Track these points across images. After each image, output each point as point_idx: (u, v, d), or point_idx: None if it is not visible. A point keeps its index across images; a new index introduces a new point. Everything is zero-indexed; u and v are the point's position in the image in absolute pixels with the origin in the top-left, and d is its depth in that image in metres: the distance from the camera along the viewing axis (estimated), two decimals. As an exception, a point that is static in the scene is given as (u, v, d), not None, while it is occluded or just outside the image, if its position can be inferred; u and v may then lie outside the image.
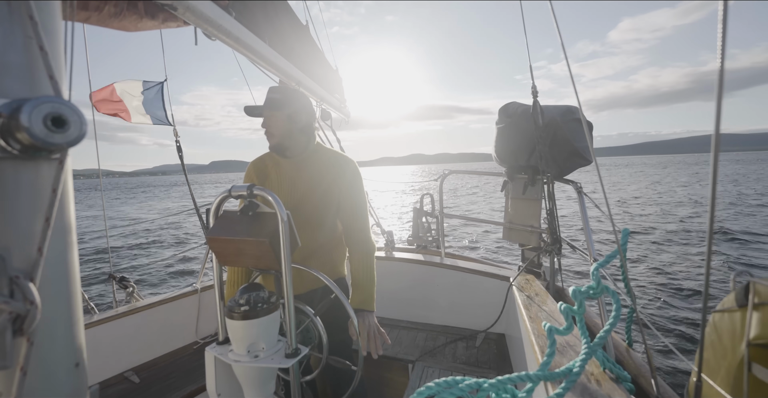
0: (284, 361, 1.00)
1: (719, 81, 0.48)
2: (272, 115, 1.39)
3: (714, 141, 0.54)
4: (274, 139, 1.42)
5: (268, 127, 1.41)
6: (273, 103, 1.38)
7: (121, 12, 1.25)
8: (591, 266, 1.05)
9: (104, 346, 1.96)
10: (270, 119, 1.40)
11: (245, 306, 1.00)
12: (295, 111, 1.40)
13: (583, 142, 2.06)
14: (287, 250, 0.96)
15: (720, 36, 0.46)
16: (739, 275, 0.68)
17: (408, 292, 2.62)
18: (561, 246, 2.00)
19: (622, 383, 0.99)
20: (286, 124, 1.39)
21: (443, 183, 2.96)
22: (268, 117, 1.40)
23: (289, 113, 1.39)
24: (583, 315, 0.98)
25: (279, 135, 1.40)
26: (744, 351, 0.63)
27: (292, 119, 1.39)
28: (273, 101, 1.38)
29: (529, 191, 2.25)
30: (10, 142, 0.35)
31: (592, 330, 1.48)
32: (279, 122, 1.39)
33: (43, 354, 0.39)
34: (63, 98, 0.38)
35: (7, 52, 0.37)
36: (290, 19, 2.06)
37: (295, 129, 1.41)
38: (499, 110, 2.33)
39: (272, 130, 1.41)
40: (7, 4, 0.37)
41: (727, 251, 7.86)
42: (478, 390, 0.73)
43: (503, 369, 1.94)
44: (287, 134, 1.40)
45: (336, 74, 2.94)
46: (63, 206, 0.41)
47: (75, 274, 0.43)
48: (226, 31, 1.32)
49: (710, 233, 0.59)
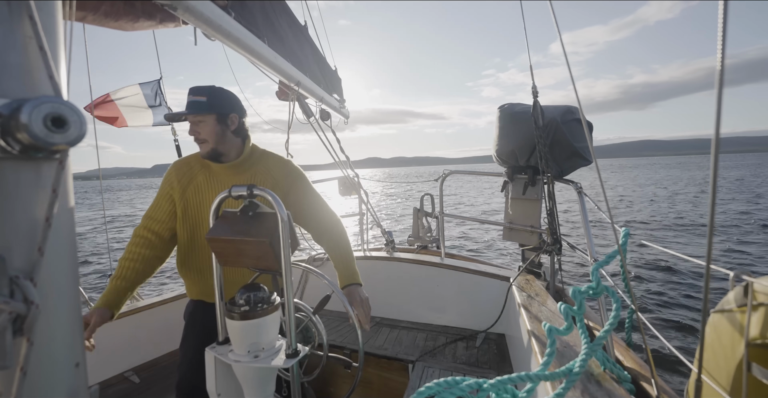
0: (284, 361, 0.99)
1: (719, 81, 0.48)
2: (201, 119, 1.27)
3: (714, 141, 0.54)
4: (207, 146, 1.29)
5: (197, 133, 1.28)
6: (200, 106, 1.26)
7: (118, 11, 1.25)
8: (591, 266, 1.05)
9: (104, 346, 1.96)
10: (198, 125, 1.28)
11: (245, 306, 1.00)
12: (227, 112, 1.29)
13: (583, 142, 2.06)
14: (287, 250, 0.96)
15: (720, 36, 0.46)
16: (739, 276, 0.68)
17: (408, 292, 2.62)
18: (561, 246, 2.01)
19: (622, 383, 0.99)
20: (217, 127, 1.28)
21: (443, 184, 2.96)
22: (196, 122, 1.28)
23: (220, 115, 1.27)
24: (583, 315, 0.98)
25: (212, 141, 1.28)
26: (743, 351, 0.63)
27: (224, 122, 1.28)
28: (199, 104, 1.26)
29: (529, 191, 2.25)
30: (10, 142, 0.35)
31: (592, 330, 1.48)
32: (209, 126, 1.27)
33: (43, 354, 0.39)
34: (63, 98, 0.38)
35: (7, 52, 0.37)
36: (289, 19, 2.06)
37: (228, 132, 1.30)
38: (498, 110, 2.33)
39: (203, 136, 1.28)
40: (7, 4, 0.37)
41: (728, 251, 7.87)
42: (479, 390, 0.73)
43: (503, 369, 1.94)
44: (221, 138, 1.29)
45: (335, 74, 2.94)
46: (63, 206, 0.41)
47: (75, 274, 0.43)
48: (225, 31, 1.32)
49: (710, 233, 0.59)
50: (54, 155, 0.39)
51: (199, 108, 1.25)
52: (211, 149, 1.29)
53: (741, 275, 0.68)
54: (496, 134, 2.34)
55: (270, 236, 0.96)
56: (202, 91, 1.27)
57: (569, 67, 1.03)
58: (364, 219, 2.98)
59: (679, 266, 6.64)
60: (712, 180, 0.54)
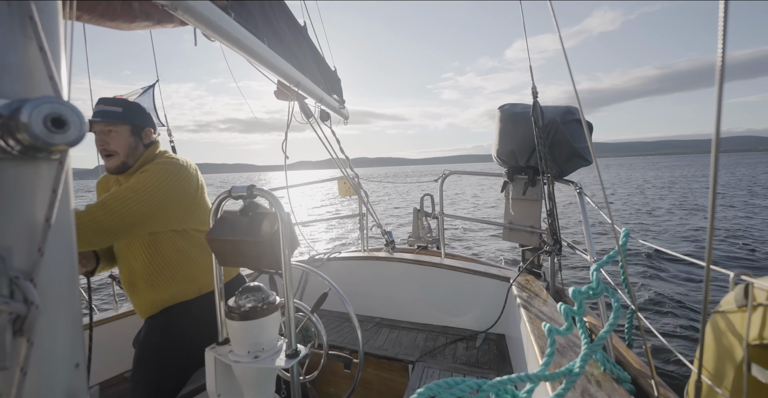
0: (284, 361, 0.99)
1: (719, 82, 0.48)
2: (113, 129, 1.19)
3: (714, 141, 0.54)
4: (117, 159, 1.21)
5: (105, 144, 1.19)
6: (114, 114, 1.18)
7: (115, 11, 1.24)
8: (591, 266, 1.05)
9: (104, 346, 1.95)
10: (109, 135, 1.20)
11: (245, 306, 1.00)
12: (143, 124, 1.23)
13: (583, 142, 2.06)
14: (287, 250, 0.96)
15: (720, 36, 0.46)
16: (739, 276, 0.68)
17: (408, 292, 2.62)
18: (561, 247, 2.01)
19: (622, 383, 0.99)
20: (131, 139, 1.21)
21: (443, 184, 2.96)
22: (106, 132, 1.19)
23: (135, 127, 1.21)
24: (583, 316, 0.98)
25: (123, 154, 1.22)
26: (743, 351, 0.63)
27: (138, 134, 1.23)
28: (113, 113, 1.18)
29: (529, 191, 2.25)
30: (10, 142, 0.35)
31: (592, 330, 1.48)
32: (122, 137, 1.20)
33: (43, 354, 0.39)
34: (63, 99, 0.38)
35: (7, 52, 0.37)
36: (288, 19, 2.06)
37: (141, 146, 1.25)
38: (499, 111, 2.33)
39: (113, 147, 1.20)
40: (7, 4, 0.37)
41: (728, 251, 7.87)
42: (478, 391, 0.73)
43: (503, 369, 1.93)
44: (132, 151, 1.23)
45: (334, 75, 2.94)
46: (63, 206, 0.41)
47: (75, 274, 0.43)
48: (225, 31, 1.31)
49: (710, 233, 0.59)
50: (54, 155, 0.39)
51: (113, 116, 1.18)
52: (121, 162, 1.23)
53: (741, 275, 0.68)
54: (497, 135, 2.34)
55: (270, 236, 0.96)
56: (117, 102, 1.21)
57: (569, 67, 1.03)
58: (364, 219, 2.98)
59: (679, 266, 6.64)
60: (712, 180, 0.54)
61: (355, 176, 2.92)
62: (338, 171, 2.82)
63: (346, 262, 2.81)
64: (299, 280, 2.13)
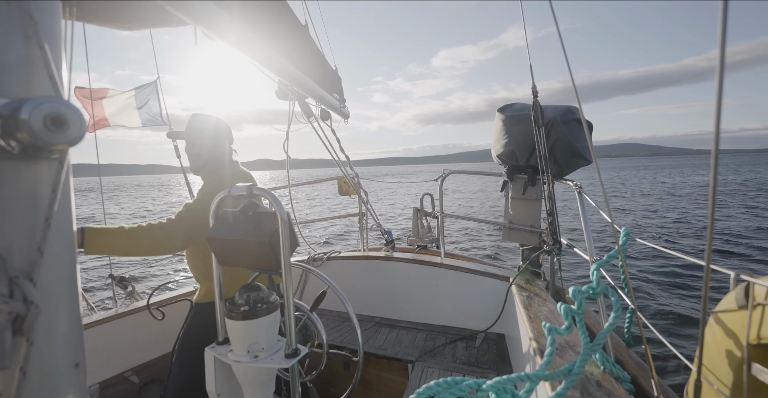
0: (284, 361, 0.99)
1: (719, 82, 0.48)
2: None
3: (714, 141, 0.54)
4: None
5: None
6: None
7: (115, 10, 1.24)
8: (591, 266, 1.05)
9: (104, 346, 1.96)
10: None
11: (245, 306, 1.00)
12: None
13: (583, 142, 2.06)
14: (287, 250, 0.96)
15: (720, 35, 0.46)
16: (739, 276, 0.68)
17: (408, 292, 2.62)
18: (561, 246, 2.00)
19: (621, 383, 0.99)
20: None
21: (443, 183, 2.96)
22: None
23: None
24: (583, 315, 0.98)
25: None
26: (744, 351, 0.63)
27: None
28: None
29: (529, 191, 2.25)
30: (10, 142, 0.35)
31: (592, 330, 1.48)
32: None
33: (43, 354, 0.39)
34: (63, 98, 0.38)
35: (7, 52, 0.37)
36: (289, 19, 2.06)
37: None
38: (498, 111, 2.33)
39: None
40: (7, 4, 0.37)
41: (728, 251, 7.87)
42: (478, 391, 0.73)
43: (503, 369, 1.94)
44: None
45: (335, 74, 2.94)
46: (63, 206, 0.41)
47: (75, 274, 0.43)
48: (225, 31, 1.31)
49: (710, 233, 0.59)
50: (54, 154, 0.39)
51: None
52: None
53: (741, 275, 0.68)
54: (496, 134, 2.34)
55: (269, 236, 0.96)
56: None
57: (569, 67, 1.03)
58: (363, 219, 2.98)
59: (680, 267, 6.64)
60: (712, 180, 0.54)
61: (354, 176, 2.92)
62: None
63: (345, 262, 2.82)
64: (299, 280, 2.13)
